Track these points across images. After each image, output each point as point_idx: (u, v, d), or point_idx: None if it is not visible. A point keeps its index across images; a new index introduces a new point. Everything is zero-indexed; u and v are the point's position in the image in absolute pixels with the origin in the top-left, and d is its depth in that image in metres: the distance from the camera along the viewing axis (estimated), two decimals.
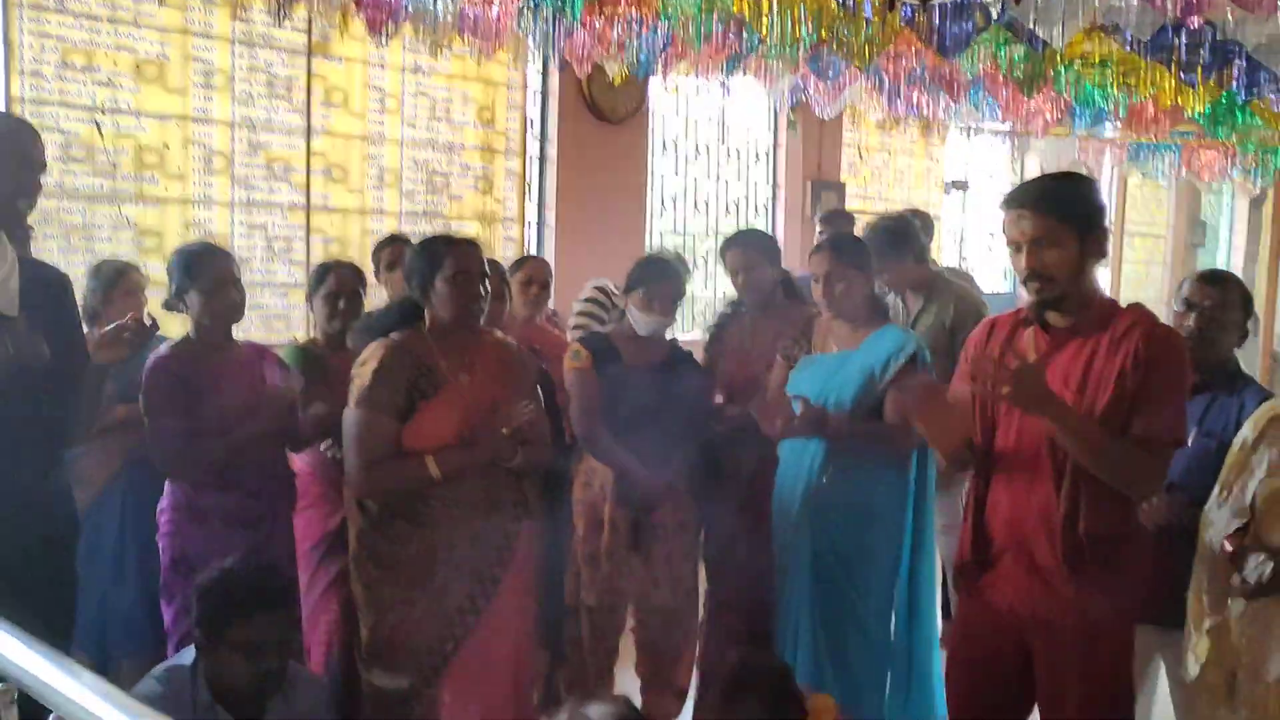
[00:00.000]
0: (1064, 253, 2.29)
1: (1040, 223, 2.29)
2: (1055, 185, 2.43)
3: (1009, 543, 2.41)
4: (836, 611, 3.12)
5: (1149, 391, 2.25)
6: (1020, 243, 2.32)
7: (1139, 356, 2.25)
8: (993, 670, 2.49)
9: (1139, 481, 2.31)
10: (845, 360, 3.20)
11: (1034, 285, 2.33)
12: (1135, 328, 2.29)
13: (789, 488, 3.24)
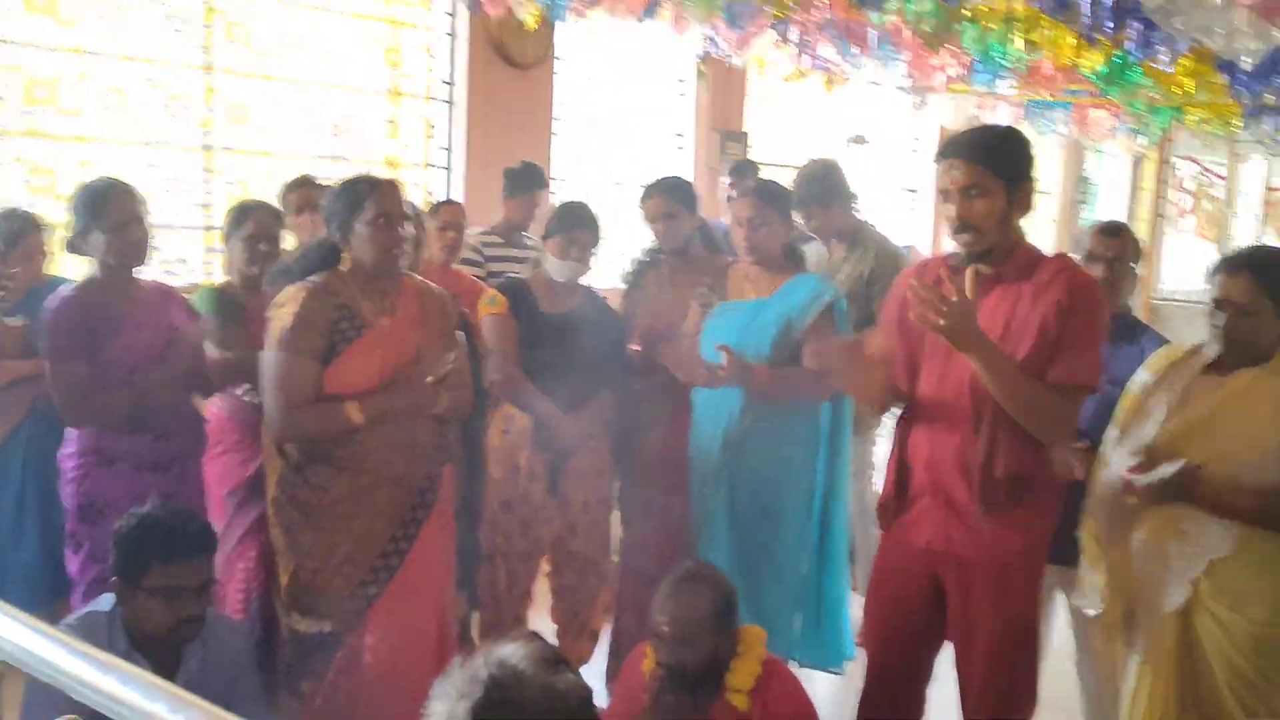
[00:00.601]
0: (992, 203, 2.36)
1: (970, 172, 2.35)
2: (987, 137, 2.48)
3: (928, 483, 2.51)
4: (753, 554, 3.20)
5: (1068, 338, 2.33)
6: (951, 191, 2.38)
7: (1061, 304, 2.33)
8: (909, 605, 2.59)
9: (1052, 425, 2.39)
10: (762, 308, 3.26)
11: (964, 237, 2.40)
12: (1059, 276, 2.38)
13: (706, 434, 3.29)
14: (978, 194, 2.35)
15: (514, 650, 1.37)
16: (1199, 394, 2.45)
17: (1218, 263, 2.49)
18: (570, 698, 1.33)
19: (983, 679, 2.51)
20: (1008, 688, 2.51)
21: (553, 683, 1.33)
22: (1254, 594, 2.34)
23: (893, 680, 2.65)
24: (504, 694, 1.28)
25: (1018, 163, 2.41)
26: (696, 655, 2.39)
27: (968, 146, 2.39)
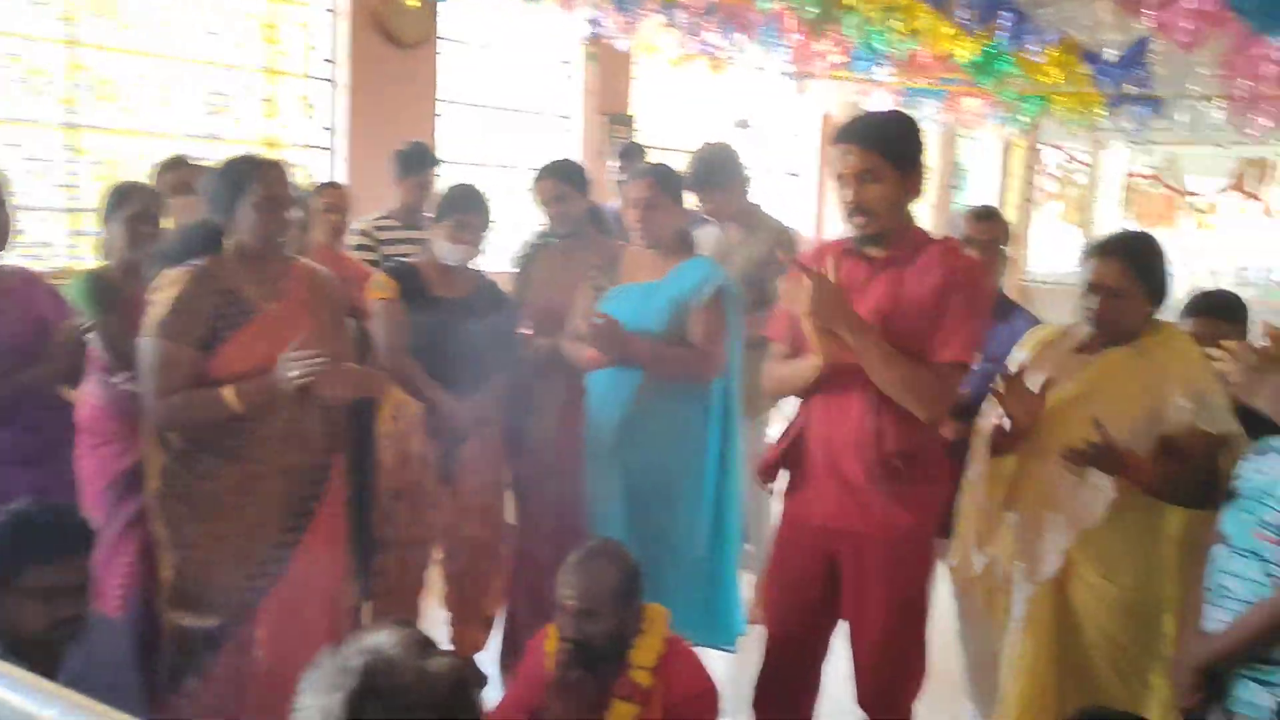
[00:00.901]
0: (885, 188, 2.41)
1: (865, 158, 2.40)
2: (881, 123, 2.53)
3: (823, 461, 2.56)
4: (648, 535, 3.22)
5: (949, 317, 2.40)
6: (846, 175, 2.42)
7: (944, 284, 2.41)
8: (806, 582, 2.65)
9: (928, 402, 2.44)
10: (654, 291, 3.27)
11: (857, 220, 2.45)
12: (943, 258, 2.45)
13: (601, 417, 3.29)
14: (871, 179, 2.40)
15: (384, 637, 1.36)
16: (1070, 372, 2.57)
17: (1091, 247, 2.59)
18: (444, 680, 1.32)
19: (876, 652, 2.58)
20: (900, 660, 2.59)
21: (425, 666, 1.32)
22: (1123, 561, 2.46)
23: (791, 656, 2.71)
24: (377, 681, 1.26)
25: (911, 149, 2.47)
26: (601, 630, 2.40)
27: (863, 132, 2.44)
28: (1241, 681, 2.20)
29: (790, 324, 2.69)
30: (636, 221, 3.24)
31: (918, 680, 2.65)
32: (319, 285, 2.80)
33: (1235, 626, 2.19)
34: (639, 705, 2.41)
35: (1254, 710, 2.18)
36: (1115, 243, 2.56)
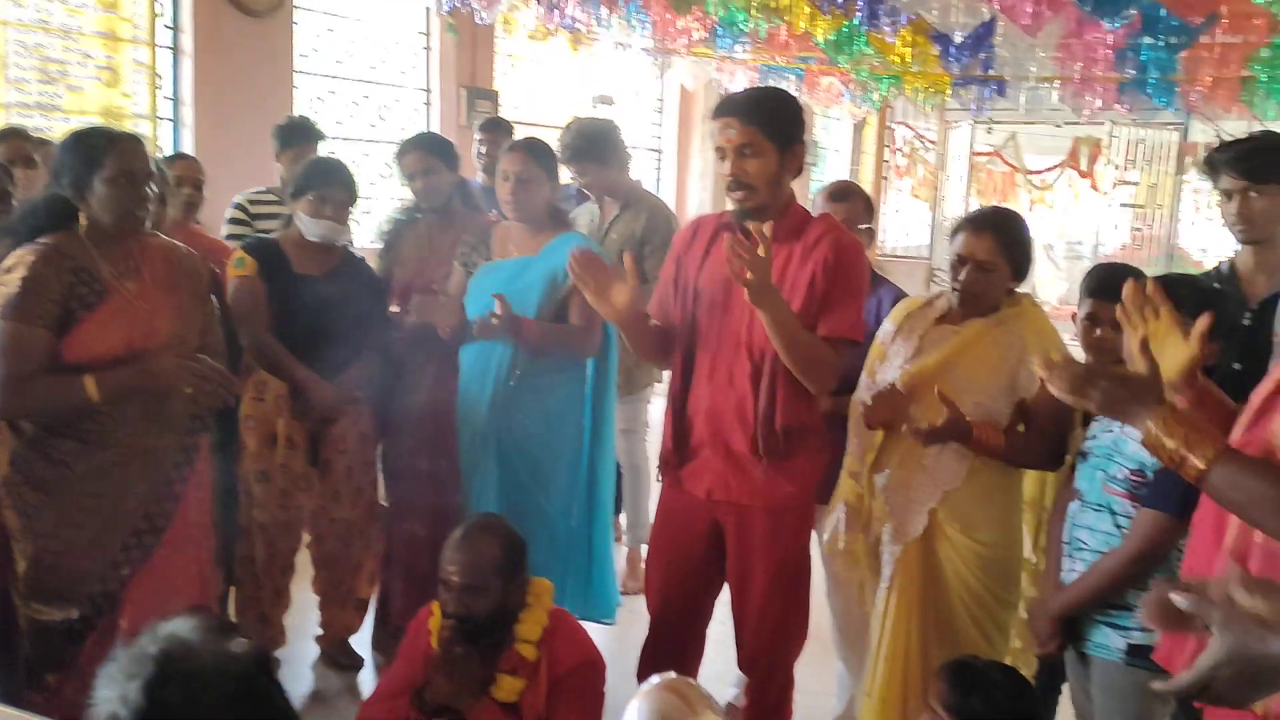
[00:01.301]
0: (765, 162, 2.45)
1: (745, 132, 2.43)
2: (761, 98, 2.56)
3: (708, 434, 2.60)
4: (523, 509, 3.21)
5: (834, 295, 2.47)
6: (726, 149, 2.46)
7: (827, 263, 2.47)
8: (691, 551, 2.70)
9: (822, 375, 2.51)
10: (527, 266, 3.26)
11: (738, 194, 2.48)
12: (825, 236, 2.51)
13: (474, 393, 3.27)
14: (751, 153, 2.44)
15: (180, 624, 1.35)
16: (934, 342, 2.68)
17: (962, 221, 2.69)
18: (244, 661, 1.32)
19: (758, 617, 2.65)
20: (781, 624, 2.67)
21: (225, 648, 1.31)
22: (981, 519, 2.60)
23: (676, 623, 2.76)
24: (176, 666, 1.25)
25: (790, 125, 2.51)
26: (486, 605, 2.40)
27: (744, 107, 2.47)
28: (1095, 626, 2.37)
29: (661, 296, 2.73)
30: (510, 196, 3.22)
31: (799, 642, 2.74)
32: (178, 263, 2.69)
33: (1088, 575, 2.35)
34: (524, 679, 2.43)
35: (1106, 651, 2.34)
36: (986, 218, 2.65)
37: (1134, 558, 2.28)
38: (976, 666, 2.29)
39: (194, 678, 1.24)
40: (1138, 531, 2.28)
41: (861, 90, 7.56)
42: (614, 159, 4.15)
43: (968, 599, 2.61)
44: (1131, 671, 2.31)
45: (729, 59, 7.17)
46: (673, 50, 6.98)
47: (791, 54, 6.80)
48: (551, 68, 8.23)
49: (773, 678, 2.72)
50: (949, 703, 2.20)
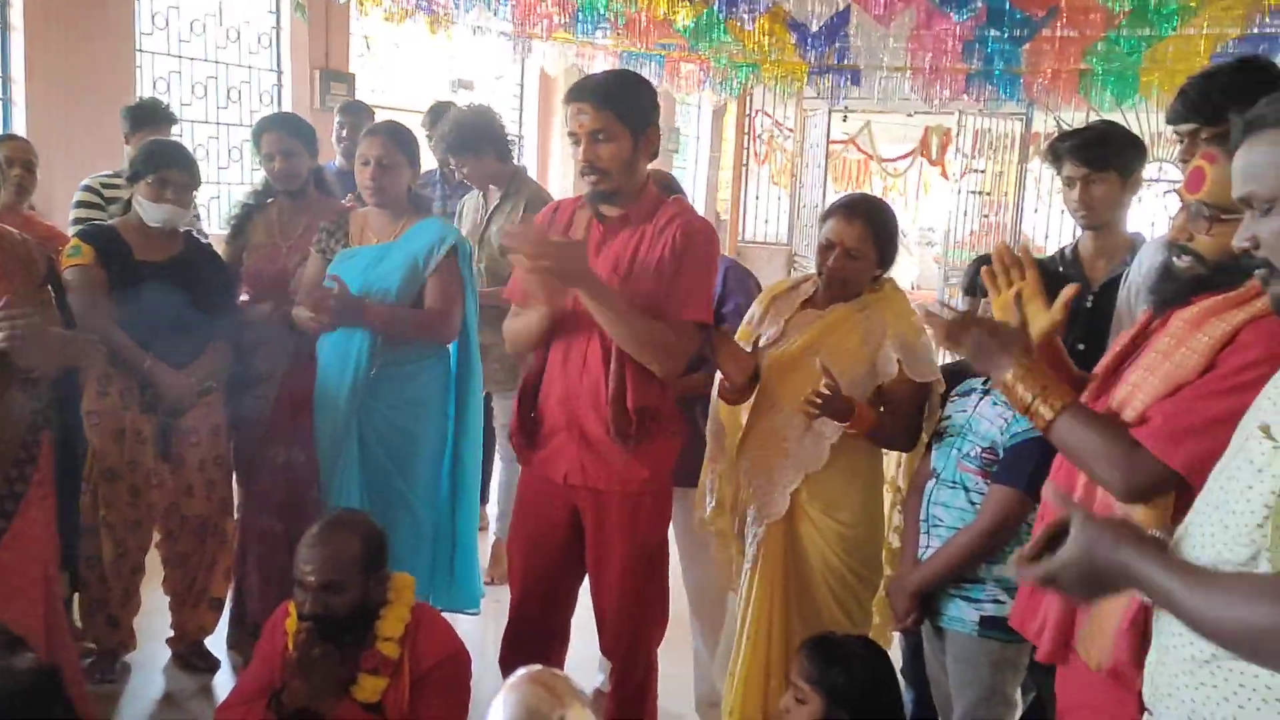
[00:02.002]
0: (618, 147, 2.43)
1: (598, 117, 2.41)
2: (613, 83, 2.54)
3: (563, 418, 2.58)
4: (386, 500, 3.16)
5: (683, 277, 2.47)
6: (579, 134, 2.43)
7: (677, 245, 2.46)
8: (551, 538, 2.68)
9: (665, 358, 2.49)
10: (387, 252, 3.19)
11: (591, 178, 2.46)
12: (676, 219, 2.50)
13: (333, 383, 3.18)
14: (605, 138, 2.42)
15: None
16: (798, 325, 2.72)
17: (833, 207, 2.72)
18: (26, 675, 1.27)
19: (618, 603, 2.64)
20: (642, 608, 2.67)
21: (9, 663, 1.26)
22: (843, 500, 2.65)
23: (538, 612, 2.73)
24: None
25: (643, 109, 2.50)
26: (345, 603, 2.33)
27: (597, 91, 2.44)
28: (950, 600, 2.45)
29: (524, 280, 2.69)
30: (370, 181, 3.14)
31: (660, 626, 2.75)
32: (9, 250, 2.52)
33: (943, 551, 2.43)
34: (387, 677, 2.37)
35: (961, 624, 2.43)
36: (859, 206, 2.68)
37: (987, 532, 2.36)
38: (837, 640, 2.34)
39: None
40: (990, 507, 2.37)
41: (721, 78, 7.64)
42: (491, 148, 4.06)
43: (830, 578, 2.66)
44: (984, 642, 2.40)
45: (590, 44, 7.14)
46: (533, 35, 6.91)
47: (652, 40, 6.82)
48: (409, 51, 8.06)
49: (635, 662, 2.72)
50: (811, 676, 2.24)
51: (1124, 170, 2.79)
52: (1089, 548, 1.33)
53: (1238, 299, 1.70)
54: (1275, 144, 1.28)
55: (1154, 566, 1.29)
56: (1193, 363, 1.68)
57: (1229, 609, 1.20)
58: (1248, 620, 1.18)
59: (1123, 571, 1.32)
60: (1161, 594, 1.29)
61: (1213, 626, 1.24)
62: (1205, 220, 1.73)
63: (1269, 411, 1.33)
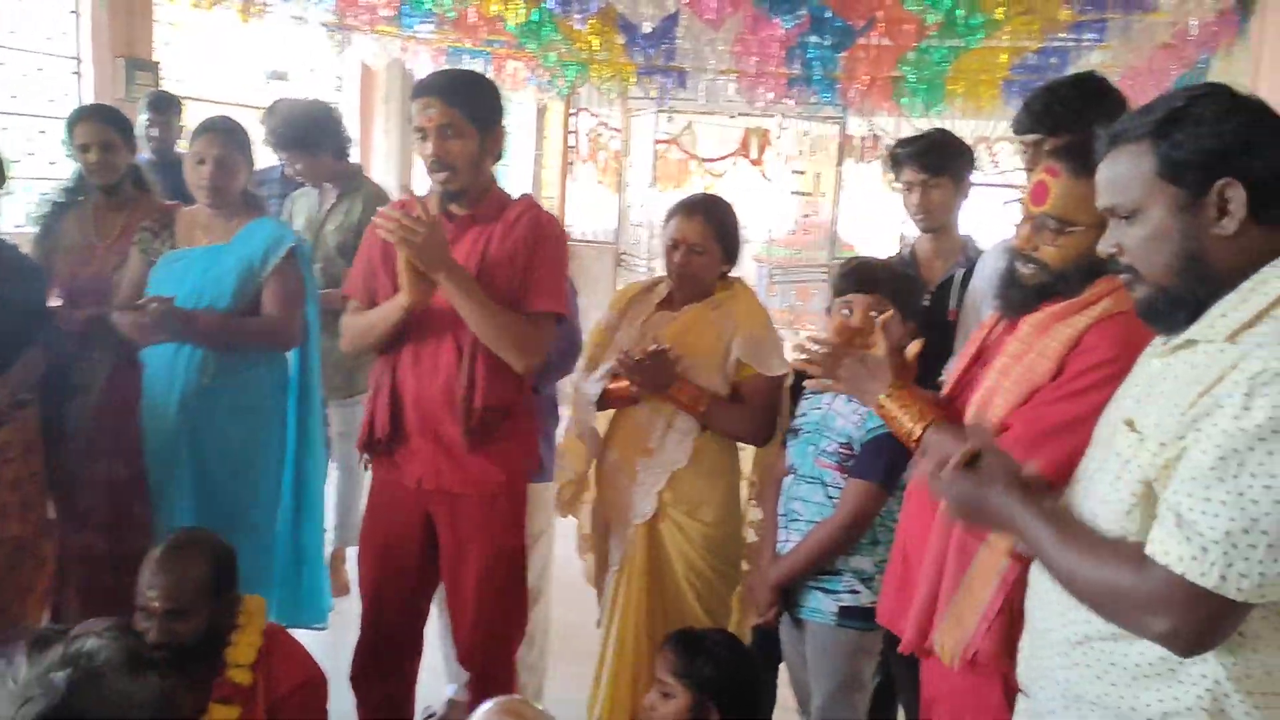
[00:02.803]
0: (466, 144, 2.42)
1: (447, 113, 2.39)
2: (463, 80, 2.52)
3: (417, 421, 2.52)
4: (224, 514, 2.98)
5: (535, 270, 2.47)
6: (428, 129, 2.40)
7: (527, 240, 2.47)
8: (404, 545, 2.61)
9: (524, 351, 2.47)
10: (219, 254, 3.03)
11: (440, 175, 2.44)
12: (524, 215, 2.51)
13: (162, 392, 2.99)
14: (453, 134, 2.40)
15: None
16: (655, 326, 2.75)
17: (674, 208, 2.77)
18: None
19: (475, 609, 2.59)
20: (501, 614, 2.63)
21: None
22: (706, 499, 2.69)
23: (393, 623, 2.66)
24: None
25: (492, 108, 2.49)
26: (193, 629, 2.18)
27: (446, 87, 2.42)
28: (809, 592, 2.51)
29: (365, 277, 2.62)
30: (206, 180, 2.98)
31: (519, 631, 2.71)
32: None
33: (803, 544, 2.49)
34: (239, 705, 2.24)
35: (820, 615, 2.50)
36: (697, 204, 2.75)
37: (845, 525, 2.44)
38: (699, 633, 2.38)
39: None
40: (847, 501, 2.44)
41: (549, 76, 7.60)
42: (326, 145, 3.89)
43: (694, 578, 2.69)
44: (842, 632, 2.48)
45: (414, 38, 6.98)
46: (355, 26, 6.69)
47: (480, 37, 6.72)
48: (218, 39, 7.67)
49: (494, 670, 2.67)
50: (677, 670, 2.28)
51: (957, 176, 2.93)
52: (990, 482, 1.48)
53: (1082, 303, 1.81)
54: (1137, 156, 1.36)
55: (1033, 516, 1.42)
56: (1043, 367, 1.78)
57: (1089, 568, 1.34)
58: (1102, 579, 1.32)
59: (1007, 512, 1.46)
60: (1034, 540, 1.43)
61: (1068, 578, 1.37)
62: (1050, 232, 1.83)
63: (1130, 407, 1.42)
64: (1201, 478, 1.22)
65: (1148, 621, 1.27)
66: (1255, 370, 1.21)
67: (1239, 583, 1.20)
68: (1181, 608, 1.23)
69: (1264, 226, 1.32)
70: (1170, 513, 1.25)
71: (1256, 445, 1.19)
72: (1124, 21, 4.96)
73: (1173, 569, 1.23)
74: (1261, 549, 1.19)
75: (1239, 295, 1.31)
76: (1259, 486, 1.18)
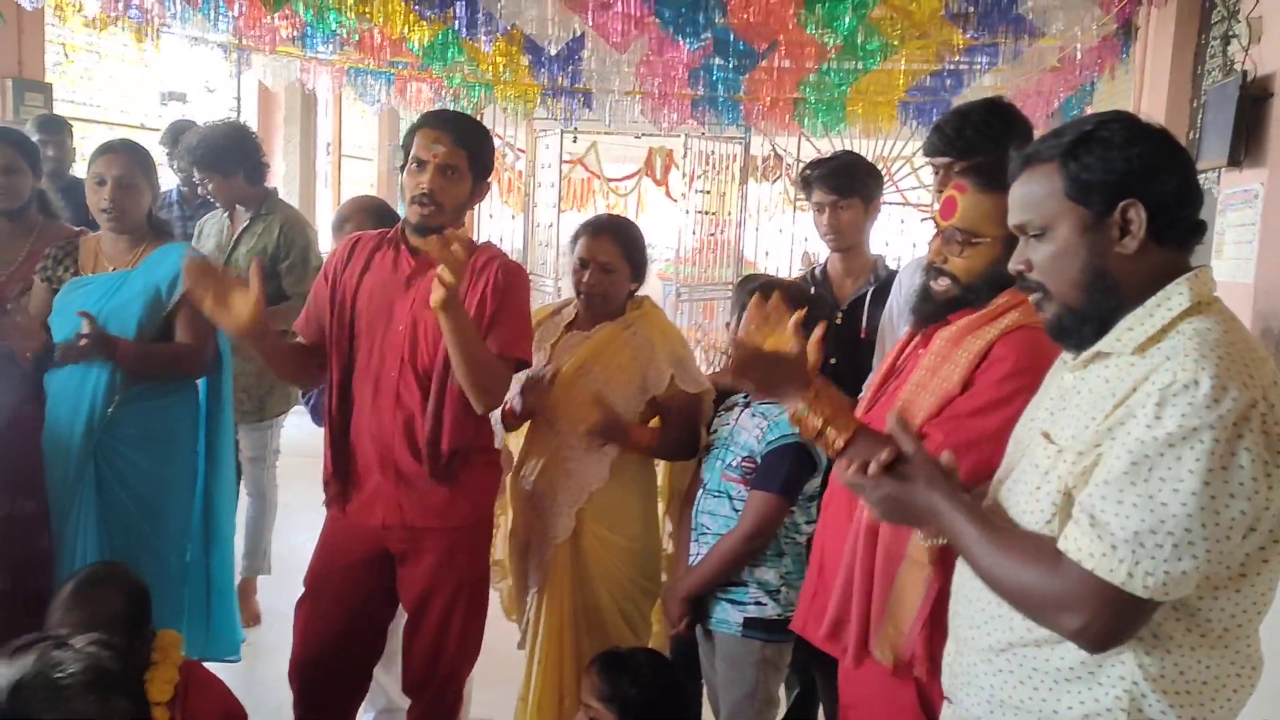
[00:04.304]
0: (460, 187, 2.43)
1: (454, 153, 2.39)
2: (475, 128, 2.51)
3: (376, 458, 2.49)
4: (130, 546, 2.90)
5: (502, 314, 2.44)
6: (429, 163, 2.39)
7: (496, 284, 2.45)
8: (361, 581, 2.56)
9: (494, 391, 2.44)
10: (124, 281, 2.96)
11: (426, 209, 2.41)
12: (494, 260, 2.49)
13: (66, 422, 2.90)
14: (452, 175, 2.41)
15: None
16: (566, 348, 2.76)
17: (580, 228, 2.81)
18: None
19: (436, 639, 2.55)
20: (459, 644, 2.58)
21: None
22: (625, 514, 2.72)
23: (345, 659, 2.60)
24: None
25: (490, 161, 2.52)
26: None
27: (457, 127, 2.42)
28: (717, 603, 2.56)
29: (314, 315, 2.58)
30: (109, 203, 2.91)
31: (473, 660, 2.67)
32: None
33: (709, 556, 2.54)
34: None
35: (726, 626, 2.54)
36: (602, 224, 2.79)
37: (747, 536, 2.49)
38: (622, 654, 2.40)
39: None
40: (749, 512, 2.49)
41: (453, 97, 7.57)
42: (241, 167, 3.84)
43: (615, 592, 2.71)
44: (748, 642, 2.52)
45: (315, 60, 6.89)
46: (254, 47, 6.58)
47: (382, 58, 6.67)
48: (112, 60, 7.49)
49: (444, 698, 2.64)
50: (604, 694, 2.29)
51: (867, 197, 3.02)
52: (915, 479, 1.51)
53: (990, 315, 1.89)
54: (1047, 177, 1.43)
55: (958, 514, 1.46)
56: (955, 378, 1.86)
57: (1009, 565, 1.39)
58: (1019, 576, 1.38)
59: (932, 510, 1.49)
60: (957, 538, 1.47)
61: (988, 573, 1.43)
62: (958, 244, 1.90)
63: (1045, 419, 1.49)
64: (1115, 481, 1.29)
65: (1061, 617, 1.33)
66: (1166, 382, 1.28)
67: (1145, 580, 1.27)
68: (1092, 604, 1.30)
69: (1164, 247, 1.40)
70: (1084, 514, 1.32)
71: (1166, 451, 1.26)
72: (1014, 46, 5.16)
73: (1084, 565, 1.30)
74: (1167, 548, 1.26)
75: (1145, 310, 1.39)
76: (1167, 490, 1.25)
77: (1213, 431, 1.24)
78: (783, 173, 9.65)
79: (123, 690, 1.42)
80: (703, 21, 5.10)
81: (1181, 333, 1.34)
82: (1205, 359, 1.28)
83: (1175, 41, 4.38)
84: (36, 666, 1.36)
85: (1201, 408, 1.25)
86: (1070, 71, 5.51)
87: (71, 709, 1.33)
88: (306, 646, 2.59)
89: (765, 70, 6.34)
